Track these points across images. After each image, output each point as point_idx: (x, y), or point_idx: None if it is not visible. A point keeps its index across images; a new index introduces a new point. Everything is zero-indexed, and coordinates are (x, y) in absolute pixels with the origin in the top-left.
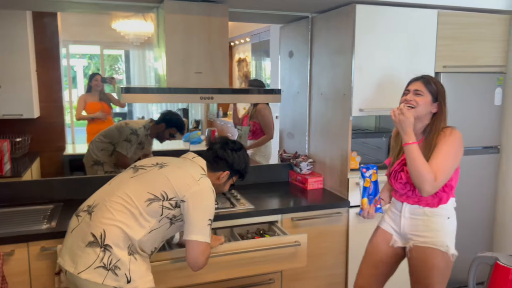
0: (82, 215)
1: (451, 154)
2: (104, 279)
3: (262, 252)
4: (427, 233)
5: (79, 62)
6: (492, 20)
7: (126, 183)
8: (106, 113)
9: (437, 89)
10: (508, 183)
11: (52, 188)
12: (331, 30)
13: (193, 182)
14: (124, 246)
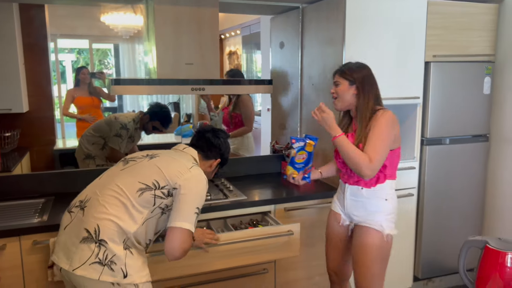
0: (74, 211)
1: (382, 134)
2: (100, 275)
3: (256, 242)
4: (364, 214)
5: (68, 57)
6: (481, 9)
7: (117, 176)
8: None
9: (353, 73)
10: (497, 171)
11: (43, 182)
12: (321, 21)
13: (185, 170)
14: (120, 241)
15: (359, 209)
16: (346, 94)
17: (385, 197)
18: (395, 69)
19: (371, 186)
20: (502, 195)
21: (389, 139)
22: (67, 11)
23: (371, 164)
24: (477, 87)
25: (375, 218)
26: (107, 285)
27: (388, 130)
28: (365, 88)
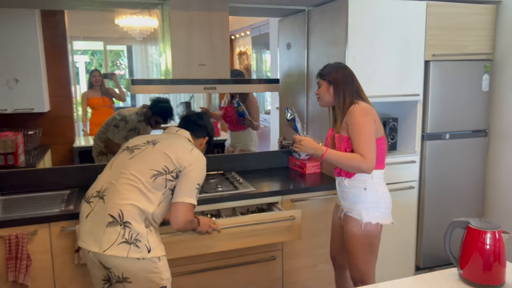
0: (93, 201)
1: (362, 126)
2: (128, 252)
3: (260, 225)
4: (347, 203)
5: (81, 59)
6: (479, 10)
7: (129, 164)
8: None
9: (328, 73)
10: (496, 164)
11: (67, 175)
12: (326, 22)
13: (188, 153)
14: (141, 220)
15: (344, 198)
16: (327, 94)
17: (364, 187)
18: (396, 67)
19: (351, 176)
20: (501, 188)
21: (370, 128)
22: (85, 15)
23: (366, 159)
24: (476, 84)
25: (355, 207)
26: (134, 260)
27: (365, 120)
28: (339, 87)
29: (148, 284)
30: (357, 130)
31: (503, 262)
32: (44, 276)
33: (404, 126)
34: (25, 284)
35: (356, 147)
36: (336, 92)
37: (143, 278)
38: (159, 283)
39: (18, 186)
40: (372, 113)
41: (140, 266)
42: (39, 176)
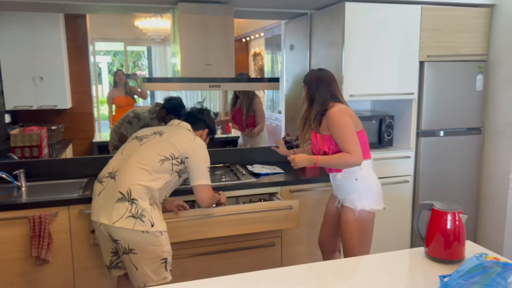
0: (105, 180)
1: (343, 127)
2: (134, 225)
3: (260, 213)
4: (342, 194)
5: (104, 59)
6: (473, 13)
7: (139, 150)
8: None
9: (305, 80)
10: (490, 161)
11: (85, 165)
12: (326, 25)
13: (191, 142)
14: (146, 198)
15: (339, 191)
16: (306, 97)
17: (355, 177)
18: (392, 68)
19: (341, 170)
20: (495, 183)
21: (349, 125)
22: (106, 17)
23: (352, 155)
24: (470, 84)
25: (349, 197)
26: (139, 233)
27: (343, 119)
28: (311, 91)
29: (151, 255)
30: (339, 130)
31: (462, 240)
32: (63, 253)
33: (400, 123)
34: (47, 259)
35: (341, 145)
36: (308, 95)
37: (147, 249)
38: (160, 255)
39: (42, 174)
40: (348, 111)
41: (144, 238)
42: (61, 166)
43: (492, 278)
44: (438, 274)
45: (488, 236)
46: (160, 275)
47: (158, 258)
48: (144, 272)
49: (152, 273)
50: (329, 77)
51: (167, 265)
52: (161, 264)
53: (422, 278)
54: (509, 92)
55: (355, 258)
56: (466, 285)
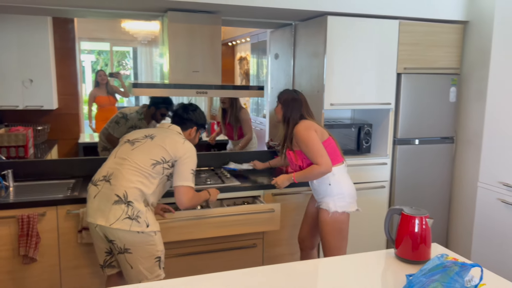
0: (100, 183)
1: (309, 141)
2: (130, 226)
3: (244, 216)
4: (319, 197)
5: (88, 58)
6: (448, 29)
7: (132, 154)
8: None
9: (284, 99)
10: (461, 168)
11: (73, 166)
12: (309, 36)
13: (181, 145)
14: (141, 200)
15: (316, 194)
16: (279, 113)
17: (329, 182)
18: (371, 78)
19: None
20: (466, 189)
21: (315, 139)
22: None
23: (321, 166)
24: (444, 95)
25: (324, 200)
26: (135, 233)
27: (308, 134)
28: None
29: (146, 254)
30: (306, 145)
31: (428, 243)
32: (50, 252)
33: (378, 132)
34: (34, 258)
35: (311, 159)
36: (283, 116)
37: (142, 249)
38: (154, 253)
39: (29, 174)
40: (312, 126)
41: (140, 238)
42: (48, 166)
43: (451, 277)
44: (406, 273)
45: (458, 239)
46: (154, 273)
47: (152, 257)
48: (138, 271)
49: (146, 271)
50: (302, 100)
51: (161, 263)
52: (155, 263)
53: (391, 277)
54: (479, 104)
55: (331, 258)
56: (428, 283)
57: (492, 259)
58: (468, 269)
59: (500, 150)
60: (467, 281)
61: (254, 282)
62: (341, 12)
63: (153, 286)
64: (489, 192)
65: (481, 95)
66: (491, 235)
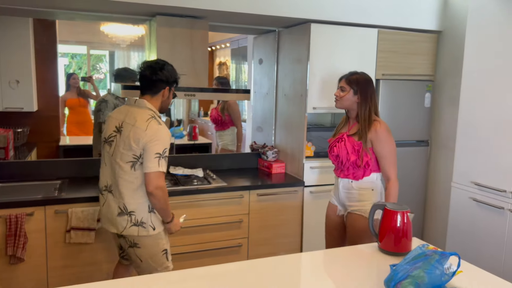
0: (104, 193)
1: (392, 149)
2: (138, 232)
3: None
4: (356, 203)
5: (61, 61)
6: (423, 38)
7: (114, 162)
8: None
9: (357, 83)
10: (436, 170)
11: (57, 167)
12: (293, 42)
13: (142, 132)
14: (144, 210)
15: (350, 199)
16: (349, 100)
17: (372, 188)
18: None
19: (358, 179)
20: (440, 189)
21: (395, 147)
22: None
23: (394, 179)
24: (419, 101)
25: (365, 207)
26: (144, 237)
27: (392, 140)
28: (363, 99)
29: (154, 248)
30: (387, 151)
31: (409, 236)
32: (38, 252)
33: None
34: (22, 258)
35: (385, 165)
36: (360, 104)
37: (149, 244)
38: (161, 247)
39: (12, 175)
40: (391, 132)
41: (147, 240)
42: (32, 168)
43: (432, 264)
44: (389, 264)
45: (434, 234)
46: (163, 264)
47: (159, 251)
48: (148, 264)
49: (155, 263)
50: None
51: (168, 255)
52: (163, 255)
53: (375, 267)
54: (451, 109)
55: (318, 252)
56: (411, 270)
57: (465, 253)
58: (447, 257)
59: (471, 153)
60: (446, 268)
61: (240, 274)
62: (324, 20)
63: (154, 279)
64: (462, 191)
65: (454, 100)
66: (464, 231)
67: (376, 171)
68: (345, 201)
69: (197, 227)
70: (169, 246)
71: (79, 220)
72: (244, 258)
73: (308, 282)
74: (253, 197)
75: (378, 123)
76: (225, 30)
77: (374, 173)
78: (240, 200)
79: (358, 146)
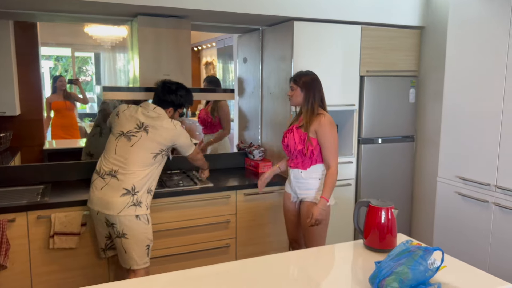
0: (107, 177)
1: (332, 140)
2: (135, 211)
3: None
4: (306, 191)
5: (46, 64)
6: (406, 34)
7: (132, 153)
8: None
9: (303, 82)
10: (422, 165)
11: (40, 172)
12: (277, 41)
13: (173, 131)
14: (145, 190)
15: (300, 188)
16: (298, 98)
17: (319, 177)
18: (336, 81)
19: (306, 167)
20: (425, 183)
21: (336, 139)
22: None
23: (333, 168)
24: (404, 96)
25: (309, 194)
26: (134, 219)
27: (334, 132)
28: (307, 94)
29: (139, 241)
30: (328, 141)
31: (394, 232)
32: (21, 258)
33: (344, 132)
34: (4, 265)
35: (326, 155)
36: (305, 99)
37: (137, 236)
38: (145, 241)
39: None
40: (334, 122)
41: (137, 225)
42: (14, 173)
43: (416, 260)
44: (374, 260)
45: (420, 229)
46: (143, 259)
47: (143, 244)
48: (130, 256)
49: (137, 257)
50: (320, 83)
51: (149, 252)
52: (145, 250)
53: (361, 264)
54: (436, 104)
55: (304, 250)
56: (395, 266)
57: (452, 247)
58: (431, 253)
59: (456, 147)
60: (430, 263)
61: (228, 275)
62: (307, 18)
63: (143, 281)
64: (447, 186)
65: (438, 96)
66: (450, 225)
67: (322, 161)
68: (296, 190)
69: (184, 228)
70: (152, 245)
71: (62, 225)
72: (233, 258)
73: (295, 280)
74: (240, 197)
75: (323, 116)
76: (208, 29)
77: (320, 164)
78: (227, 200)
79: (304, 136)
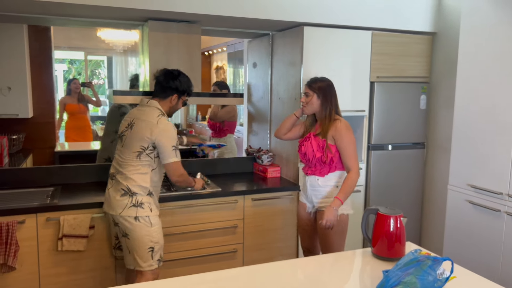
0: (112, 179)
1: (351, 144)
2: (136, 212)
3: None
4: (323, 200)
5: (60, 67)
6: (418, 40)
7: (123, 152)
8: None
9: (319, 88)
10: (432, 172)
11: (51, 174)
12: (286, 46)
13: (154, 126)
14: (144, 193)
15: (317, 196)
16: (314, 104)
17: (337, 185)
18: (346, 87)
19: (324, 175)
20: (436, 191)
21: (355, 143)
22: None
23: (355, 172)
24: (415, 103)
25: (329, 202)
26: (134, 221)
27: (352, 136)
28: (324, 101)
29: (140, 243)
30: (347, 146)
31: (403, 241)
32: (30, 260)
33: None
34: (13, 267)
35: (346, 160)
36: (322, 105)
37: (137, 238)
38: (148, 243)
39: (5, 183)
40: (351, 128)
41: (137, 226)
42: (25, 175)
43: (424, 270)
44: (382, 269)
45: (431, 238)
46: (147, 261)
47: (146, 246)
48: (133, 257)
49: (140, 259)
50: (334, 86)
51: (154, 254)
52: (148, 252)
53: (368, 273)
54: (447, 111)
55: (312, 258)
56: (403, 276)
57: (463, 256)
58: (440, 263)
59: (467, 155)
60: (439, 274)
61: (236, 281)
62: (317, 23)
63: (147, 286)
64: (458, 194)
65: (450, 102)
66: (461, 234)
67: (341, 169)
68: (312, 198)
69: (191, 233)
70: (159, 247)
71: (71, 227)
72: (240, 264)
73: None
74: (248, 202)
75: (338, 121)
76: (218, 34)
77: (339, 170)
78: (235, 205)
79: (323, 144)
